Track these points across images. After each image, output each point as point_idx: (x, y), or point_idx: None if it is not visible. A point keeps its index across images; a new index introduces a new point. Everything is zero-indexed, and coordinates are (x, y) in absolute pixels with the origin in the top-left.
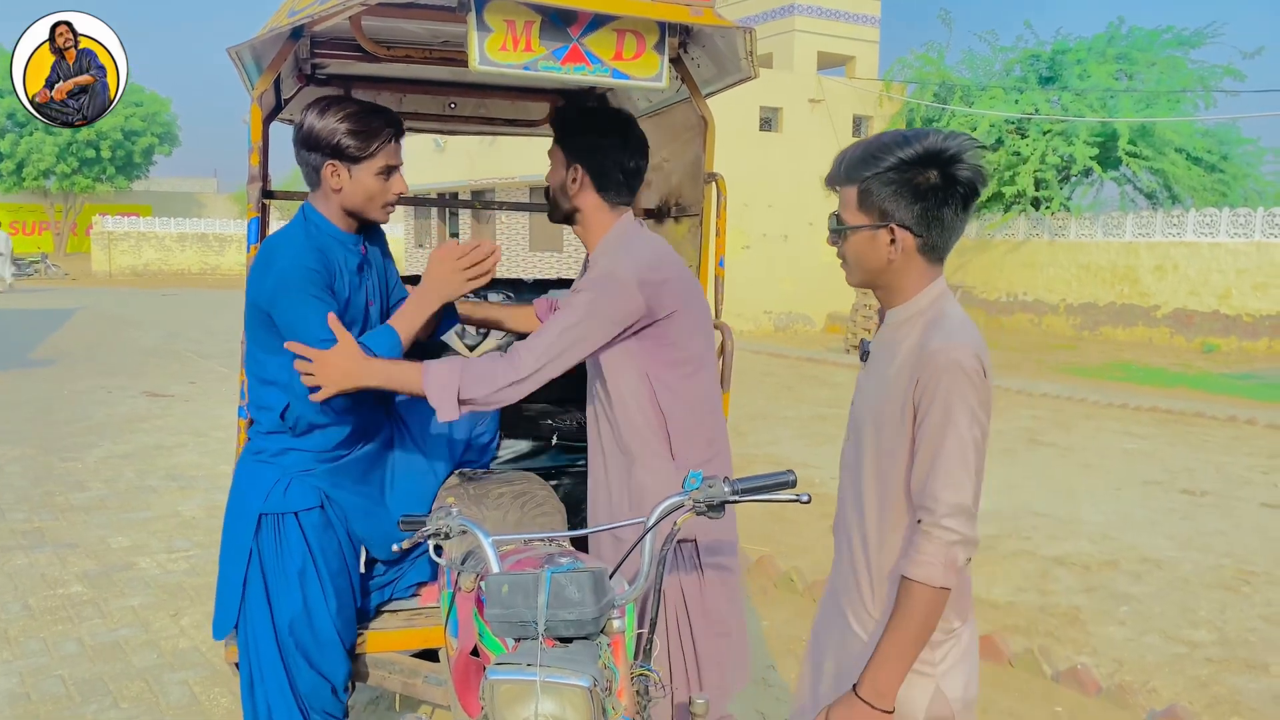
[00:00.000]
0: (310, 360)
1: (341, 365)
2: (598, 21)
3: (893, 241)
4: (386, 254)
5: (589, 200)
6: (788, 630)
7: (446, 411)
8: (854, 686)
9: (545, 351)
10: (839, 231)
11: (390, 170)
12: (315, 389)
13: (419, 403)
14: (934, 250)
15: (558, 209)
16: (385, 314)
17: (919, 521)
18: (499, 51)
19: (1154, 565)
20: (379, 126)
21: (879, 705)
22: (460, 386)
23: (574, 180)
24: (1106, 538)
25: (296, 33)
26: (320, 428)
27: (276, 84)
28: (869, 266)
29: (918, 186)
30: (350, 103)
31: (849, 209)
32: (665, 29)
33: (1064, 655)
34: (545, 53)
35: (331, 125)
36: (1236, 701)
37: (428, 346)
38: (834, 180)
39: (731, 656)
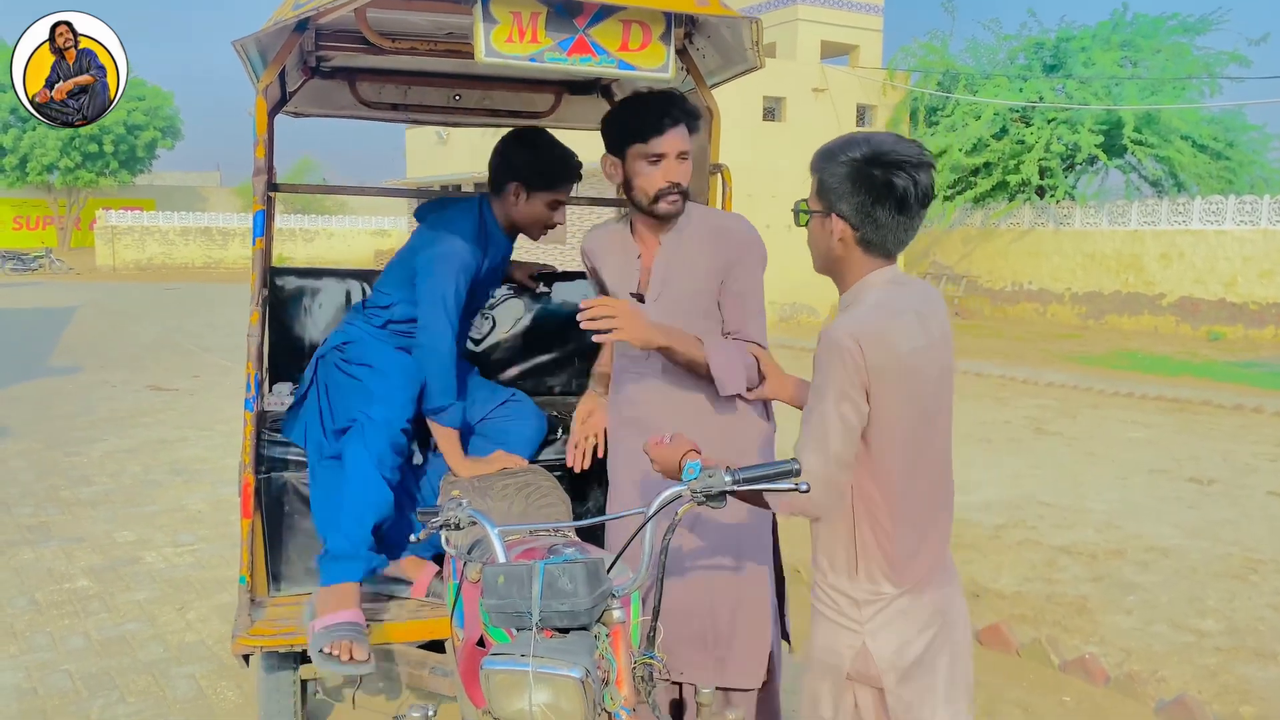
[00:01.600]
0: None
1: (641, 323)
2: (604, 12)
3: (833, 231)
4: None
5: None
6: (791, 624)
7: (733, 385)
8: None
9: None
10: (796, 213)
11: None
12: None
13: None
14: (871, 245)
15: None
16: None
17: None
18: (505, 43)
19: (1161, 554)
20: (562, 173)
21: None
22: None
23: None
24: (1113, 527)
25: (301, 26)
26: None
27: (281, 77)
28: (819, 252)
29: (857, 184)
30: (544, 144)
31: (811, 196)
32: (671, 19)
33: (1072, 645)
34: (551, 44)
35: (527, 159)
36: (1246, 690)
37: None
38: (810, 168)
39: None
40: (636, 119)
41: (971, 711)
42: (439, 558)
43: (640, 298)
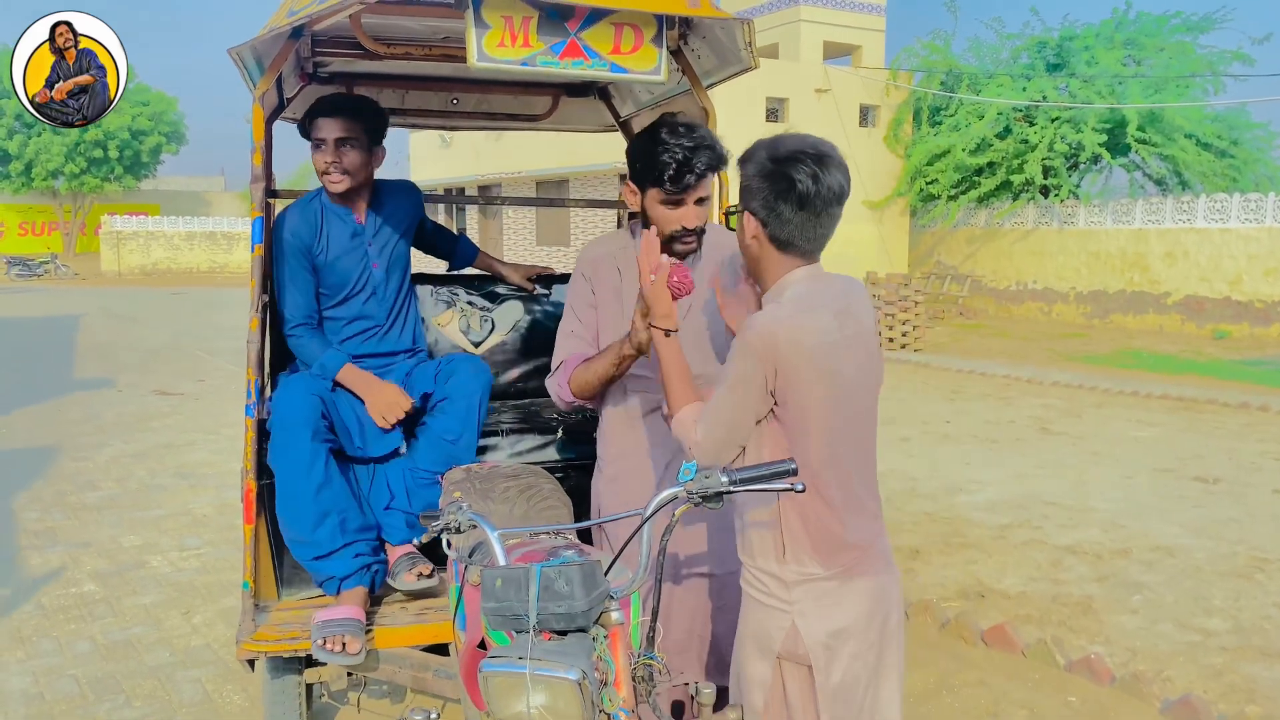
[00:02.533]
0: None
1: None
2: (595, 16)
3: (746, 228)
4: (408, 216)
5: None
6: None
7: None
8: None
9: None
10: (727, 215)
11: (320, 143)
12: None
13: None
14: (779, 242)
15: None
16: (394, 263)
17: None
18: (497, 48)
19: (1166, 553)
20: (313, 106)
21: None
22: None
23: None
24: (1118, 526)
25: (297, 32)
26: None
27: (279, 83)
28: (744, 252)
29: (763, 180)
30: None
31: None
32: (663, 22)
33: (1077, 645)
34: (543, 48)
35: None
36: (1251, 690)
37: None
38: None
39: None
40: (661, 165)
41: (900, 691)
42: (426, 548)
43: None
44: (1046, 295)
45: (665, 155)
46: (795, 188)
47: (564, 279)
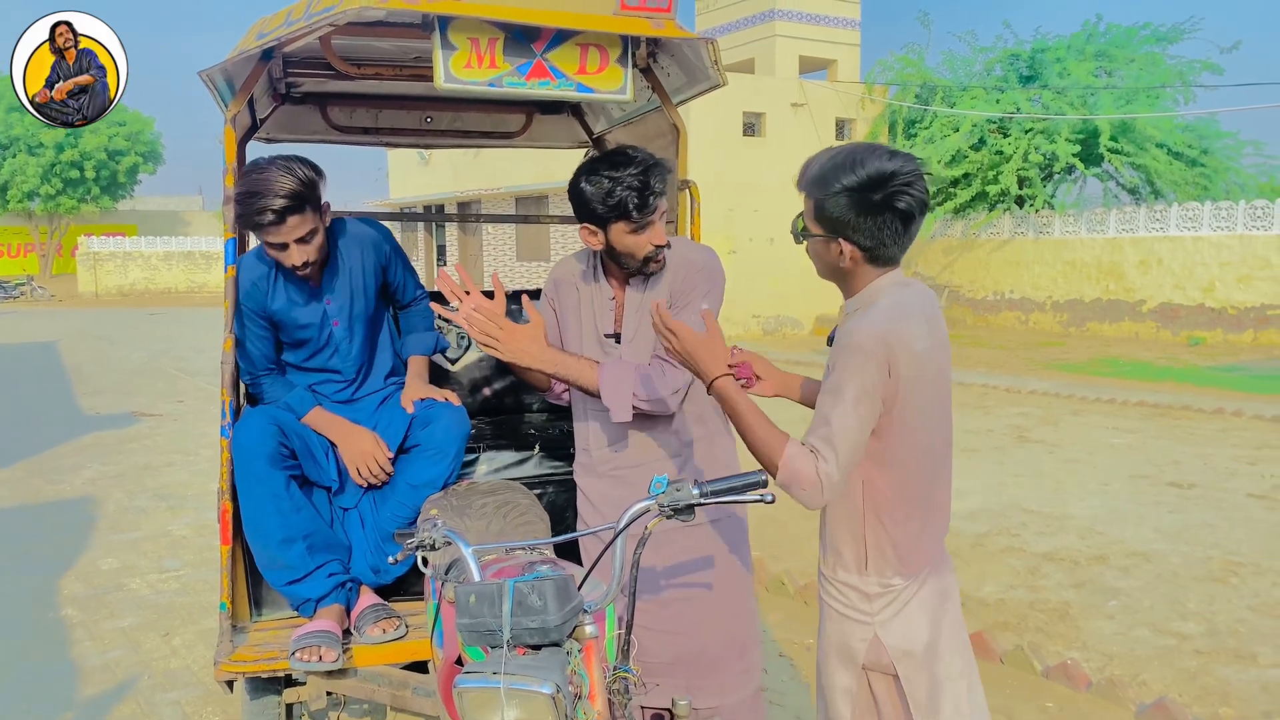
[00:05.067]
0: (500, 327)
1: (525, 343)
2: (560, 37)
3: (842, 251)
4: (369, 264)
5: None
6: (779, 633)
7: (621, 413)
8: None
9: None
10: (796, 233)
11: (281, 246)
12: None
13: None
14: (879, 259)
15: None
16: (355, 319)
17: (809, 445)
18: (464, 69)
19: (1142, 559)
20: (255, 213)
21: (709, 374)
22: (635, 389)
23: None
24: (1095, 532)
25: (267, 54)
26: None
27: (251, 104)
28: (826, 266)
29: (861, 211)
30: (251, 179)
31: (809, 217)
32: (628, 42)
33: (1054, 651)
34: (510, 69)
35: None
36: (1225, 692)
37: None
38: (800, 187)
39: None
40: (623, 199)
41: (978, 681)
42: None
43: (617, 338)
44: (1023, 304)
45: (621, 189)
46: (899, 214)
47: (536, 294)
